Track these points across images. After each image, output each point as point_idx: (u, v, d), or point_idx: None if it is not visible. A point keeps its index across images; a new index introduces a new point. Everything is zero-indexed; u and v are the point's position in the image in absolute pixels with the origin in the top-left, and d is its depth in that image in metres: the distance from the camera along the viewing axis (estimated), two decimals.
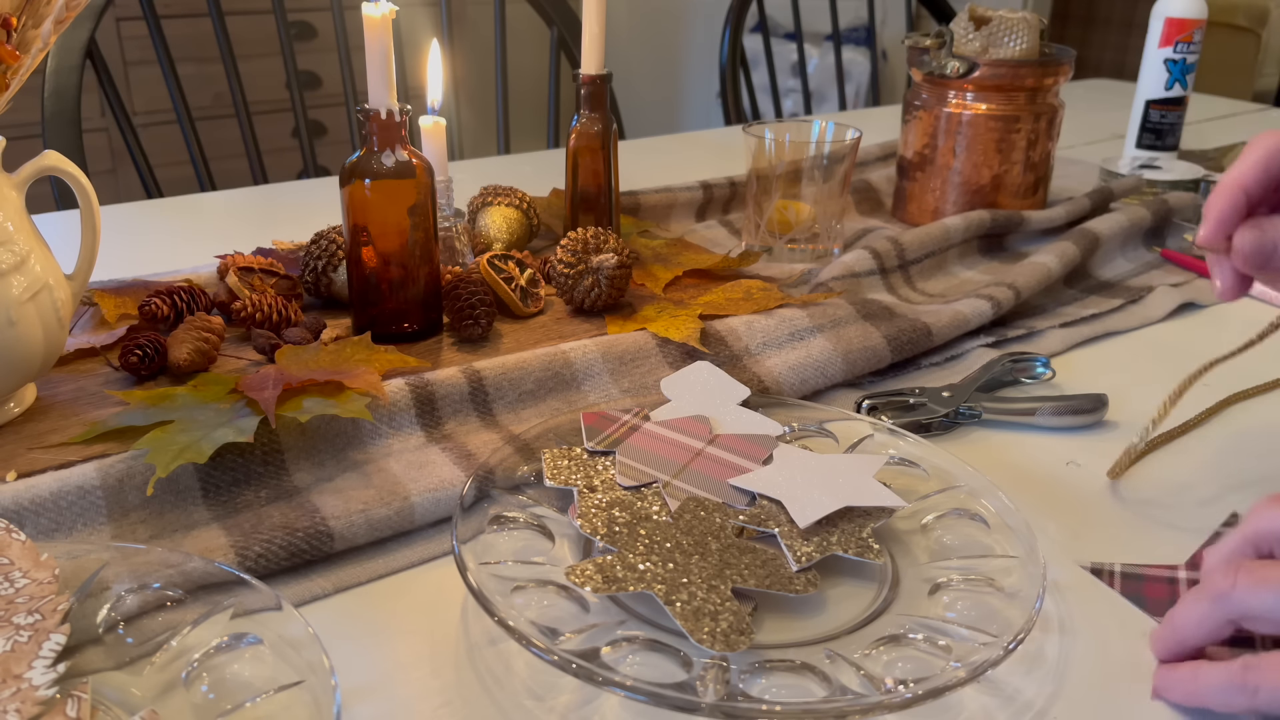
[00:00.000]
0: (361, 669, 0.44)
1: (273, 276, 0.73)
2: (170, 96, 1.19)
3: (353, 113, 0.83)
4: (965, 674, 0.39)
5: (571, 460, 0.53)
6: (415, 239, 0.67)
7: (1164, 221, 0.93)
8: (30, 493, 0.49)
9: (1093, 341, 0.76)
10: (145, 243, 0.91)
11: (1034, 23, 0.92)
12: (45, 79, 1.07)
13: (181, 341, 0.63)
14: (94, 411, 0.59)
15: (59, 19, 0.55)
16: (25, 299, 0.55)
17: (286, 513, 0.51)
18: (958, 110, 0.93)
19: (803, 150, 0.86)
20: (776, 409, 0.59)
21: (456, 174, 0.94)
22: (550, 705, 0.42)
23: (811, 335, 0.68)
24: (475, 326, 0.68)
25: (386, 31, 0.64)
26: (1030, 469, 0.60)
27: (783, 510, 0.49)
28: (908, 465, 0.55)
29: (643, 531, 0.47)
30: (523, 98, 2.57)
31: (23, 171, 0.58)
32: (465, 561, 0.44)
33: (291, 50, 1.28)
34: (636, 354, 0.65)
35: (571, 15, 1.37)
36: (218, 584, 0.44)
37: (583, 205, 0.83)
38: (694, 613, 0.42)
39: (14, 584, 0.41)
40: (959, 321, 0.72)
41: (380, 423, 0.57)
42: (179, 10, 2.13)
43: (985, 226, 0.88)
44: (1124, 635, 0.46)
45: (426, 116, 0.78)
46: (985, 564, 0.47)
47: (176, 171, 1.87)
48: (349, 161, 0.66)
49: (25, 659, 0.38)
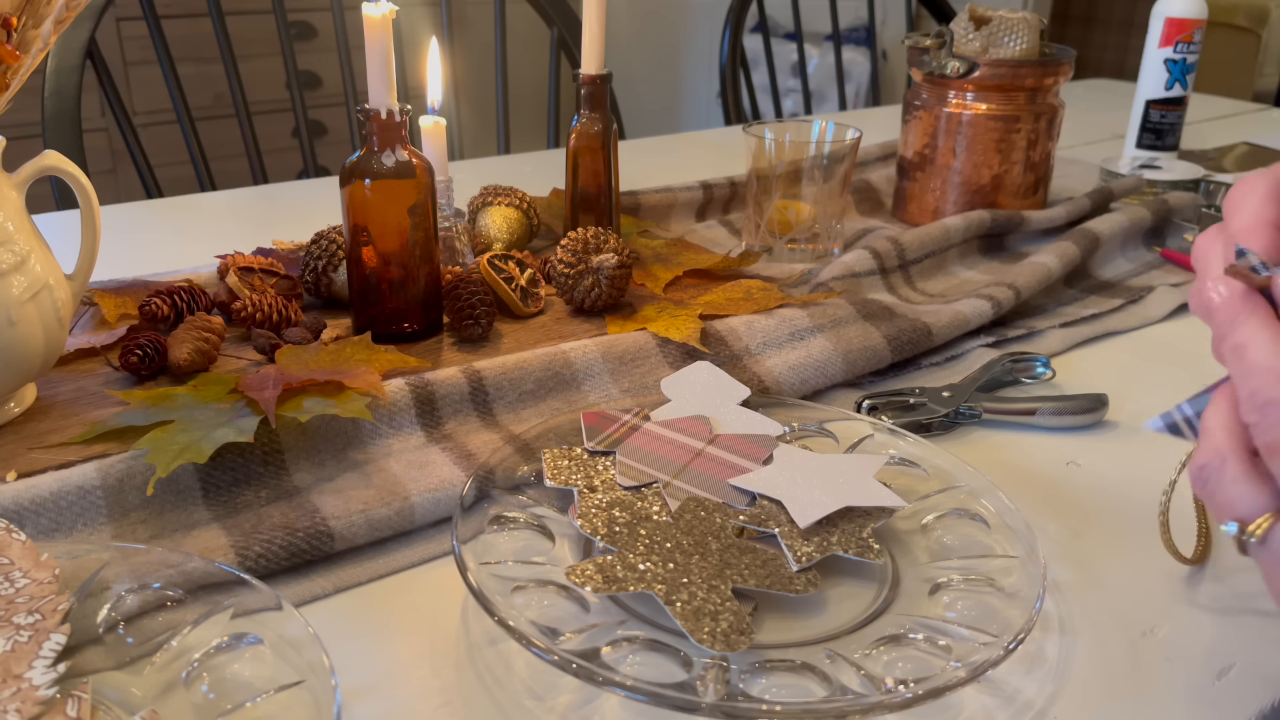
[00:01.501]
0: (361, 669, 0.44)
1: (273, 276, 0.73)
2: (170, 96, 1.19)
3: (353, 113, 0.83)
4: (965, 674, 0.39)
5: (572, 460, 0.53)
6: (415, 239, 0.67)
7: (1164, 221, 0.93)
8: (30, 493, 0.49)
9: (1093, 341, 0.76)
10: (145, 243, 0.91)
11: (1034, 23, 0.92)
12: (45, 79, 1.07)
13: (181, 341, 0.63)
14: (94, 411, 0.59)
15: (59, 19, 0.55)
16: (25, 299, 0.55)
17: (287, 513, 0.51)
18: (958, 110, 0.93)
19: (803, 150, 0.86)
20: (776, 409, 0.59)
21: (456, 174, 0.94)
22: (550, 705, 0.42)
23: (811, 335, 0.68)
24: (475, 326, 0.68)
25: (386, 31, 0.64)
26: (1030, 469, 0.60)
27: (783, 510, 0.49)
28: (908, 465, 0.55)
29: (643, 531, 0.47)
30: (523, 98, 2.58)
31: (23, 171, 0.58)
32: (465, 561, 0.44)
33: (291, 50, 1.28)
34: (636, 354, 0.65)
35: (571, 15, 1.37)
36: (218, 584, 0.44)
37: (583, 205, 0.83)
38: (694, 613, 0.42)
39: (14, 584, 0.41)
40: (959, 321, 0.72)
41: (380, 423, 0.57)
42: (179, 10, 2.13)
43: (985, 226, 0.88)
44: (1124, 635, 0.46)
45: (426, 116, 0.78)
46: (985, 564, 0.47)
47: (176, 171, 1.87)
48: (349, 161, 0.66)
49: (25, 659, 0.38)
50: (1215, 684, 0.44)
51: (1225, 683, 0.44)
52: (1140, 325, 0.78)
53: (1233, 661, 0.45)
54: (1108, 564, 0.51)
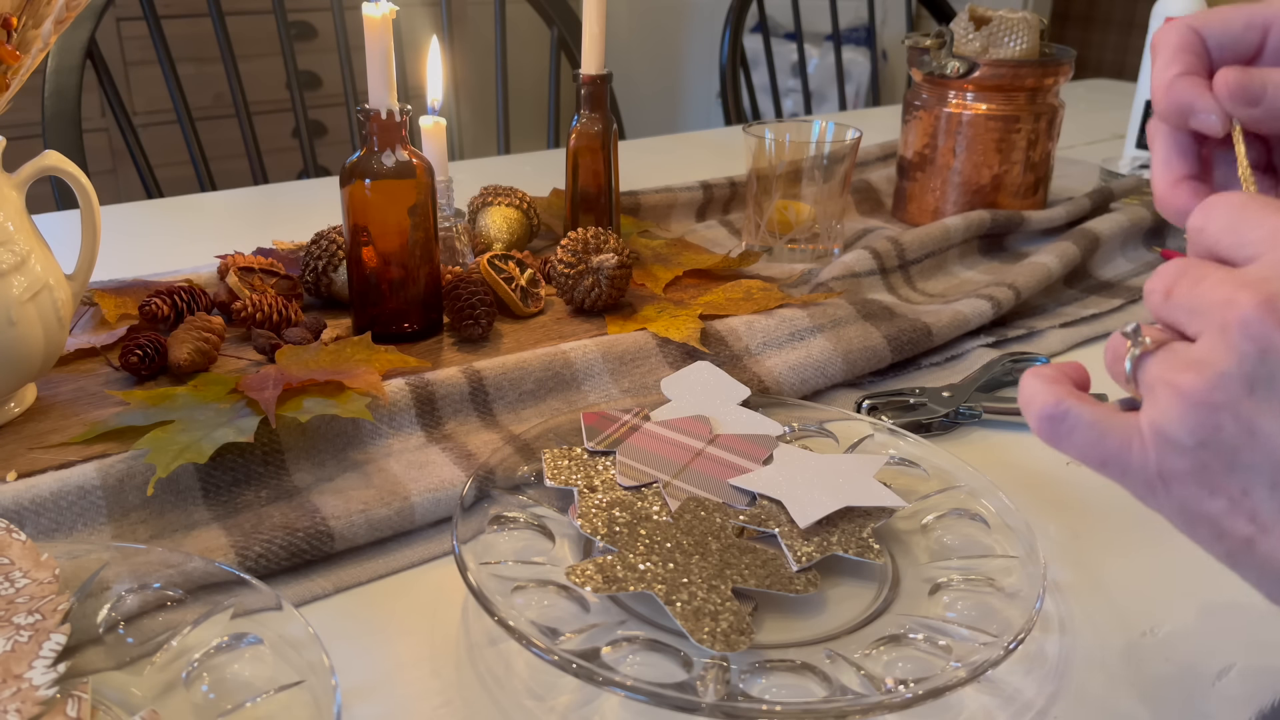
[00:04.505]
0: (361, 669, 0.44)
1: (273, 276, 0.73)
2: (170, 96, 1.19)
3: (353, 113, 0.83)
4: (965, 674, 0.39)
5: (572, 460, 0.53)
6: (415, 239, 0.67)
7: (1164, 221, 0.93)
8: (30, 493, 0.49)
9: (1093, 341, 0.76)
10: (145, 243, 0.91)
11: (1034, 23, 0.92)
12: (45, 79, 1.07)
13: (182, 341, 0.63)
14: (94, 411, 0.59)
15: (59, 19, 0.55)
16: (25, 299, 0.55)
17: (287, 513, 0.51)
18: (958, 110, 0.93)
19: (803, 150, 0.86)
20: (776, 409, 0.59)
21: (456, 174, 0.94)
22: (550, 705, 0.42)
23: (811, 335, 0.68)
24: (475, 326, 0.68)
25: (386, 31, 0.64)
26: (1030, 469, 0.60)
27: (783, 510, 0.49)
28: (908, 465, 0.55)
29: (643, 531, 0.47)
30: (523, 98, 2.57)
31: (23, 171, 0.58)
32: (465, 561, 0.44)
33: (291, 50, 1.28)
34: (636, 354, 0.65)
35: (571, 15, 1.37)
36: (218, 584, 0.44)
37: (583, 205, 0.83)
38: (694, 613, 0.42)
39: (14, 584, 0.41)
40: (959, 321, 0.72)
41: (380, 423, 0.57)
42: (179, 10, 2.13)
43: (985, 226, 0.88)
44: (1124, 635, 0.46)
45: (426, 116, 0.78)
46: (985, 564, 0.47)
47: (176, 171, 1.87)
48: (349, 161, 0.66)
49: (25, 659, 0.38)
50: (1215, 684, 0.43)
51: (1225, 683, 0.44)
52: None
53: (1233, 661, 0.45)
54: (1108, 564, 0.51)
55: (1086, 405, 0.34)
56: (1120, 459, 0.33)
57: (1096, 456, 0.33)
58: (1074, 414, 0.34)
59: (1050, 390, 0.35)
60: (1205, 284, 0.31)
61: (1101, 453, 0.33)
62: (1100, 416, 0.33)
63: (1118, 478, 0.34)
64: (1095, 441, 0.33)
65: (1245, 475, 0.30)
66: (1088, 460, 0.34)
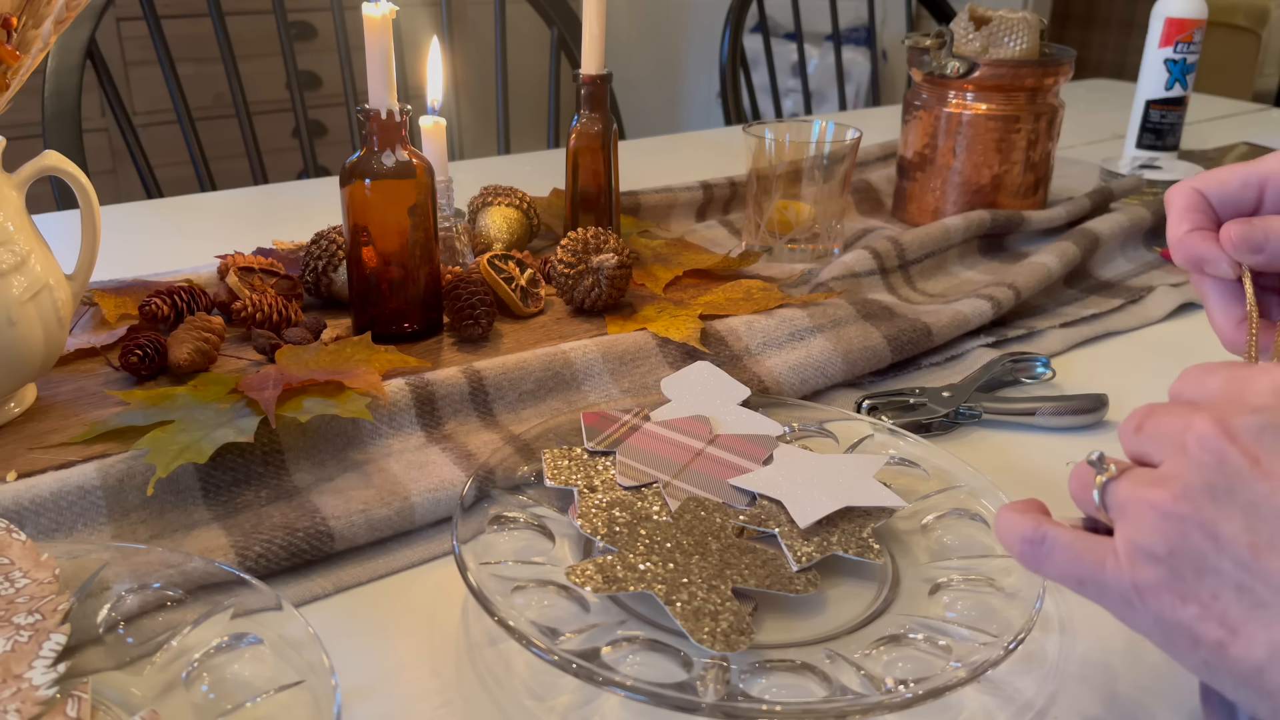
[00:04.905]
0: (361, 669, 0.44)
1: (273, 276, 0.73)
2: (170, 96, 1.19)
3: (353, 113, 0.83)
4: (965, 674, 0.39)
5: (572, 460, 0.53)
6: (415, 239, 0.67)
7: (1164, 222, 0.93)
8: (30, 493, 0.49)
9: (1093, 341, 0.76)
10: (145, 243, 0.91)
11: (1034, 23, 0.92)
12: (45, 79, 1.07)
13: (182, 341, 0.63)
14: (94, 411, 0.59)
15: (59, 19, 0.55)
16: (25, 299, 0.55)
17: (287, 513, 0.51)
18: (958, 110, 0.93)
19: (803, 150, 0.86)
20: (776, 409, 0.59)
21: (456, 174, 0.94)
22: (550, 705, 0.42)
23: (811, 335, 0.68)
24: (475, 326, 0.68)
25: (386, 31, 0.64)
26: (1030, 469, 0.60)
27: (783, 510, 0.49)
28: (908, 465, 0.55)
29: (643, 531, 0.47)
30: (523, 98, 2.57)
31: (23, 171, 0.58)
32: (465, 561, 0.44)
33: (291, 50, 1.28)
34: (636, 354, 0.65)
35: (571, 15, 1.37)
36: (218, 584, 0.44)
37: (583, 205, 0.83)
38: (694, 613, 0.42)
39: (14, 584, 0.41)
40: (959, 321, 0.72)
41: (380, 423, 0.57)
42: (179, 10, 2.13)
43: (985, 226, 0.88)
44: (1124, 635, 0.46)
45: (426, 116, 0.78)
46: (985, 564, 0.47)
47: (176, 171, 1.87)
48: (349, 161, 0.66)
49: (25, 659, 0.38)
50: None
51: None
52: (1140, 325, 0.78)
53: None
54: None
55: (1062, 529, 0.36)
56: (1097, 576, 0.35)
57: (1075, 575, 0.36)
58: (1051, 537, 0.36)
59: (1027, 518, 0.37)
60: (1167, 417, 0.34)
61: (1079, 571, 0.35)
62: (1076, 539, 0.36)
63: (1095, 595, 0.35)
64: (1073, 561, 0.35)
65: (1213, 580, 0.32)
66: (1066, 580, 0.36)
